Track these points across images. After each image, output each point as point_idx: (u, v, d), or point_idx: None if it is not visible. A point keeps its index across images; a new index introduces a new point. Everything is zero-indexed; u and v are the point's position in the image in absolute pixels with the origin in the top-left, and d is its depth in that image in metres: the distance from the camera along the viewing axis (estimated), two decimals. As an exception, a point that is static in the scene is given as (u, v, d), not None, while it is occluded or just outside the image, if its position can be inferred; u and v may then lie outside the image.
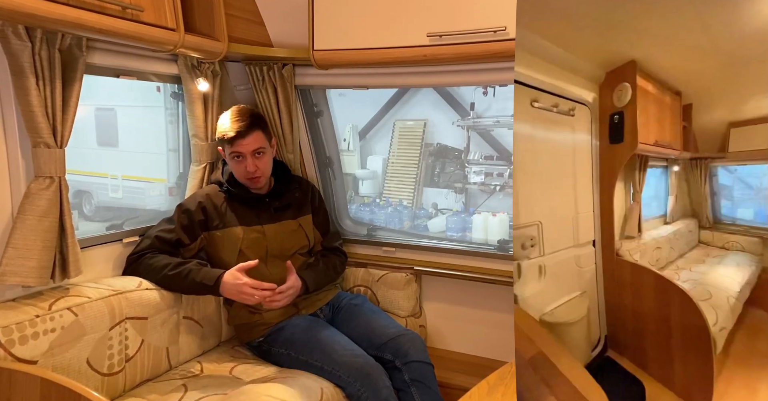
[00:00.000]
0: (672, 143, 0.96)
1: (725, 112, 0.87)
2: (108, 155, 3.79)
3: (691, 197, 1.03)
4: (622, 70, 0.92)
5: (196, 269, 1.85)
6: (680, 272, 1.02)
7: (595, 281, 1.09)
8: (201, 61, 2.03)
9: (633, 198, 1.07)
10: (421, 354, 1.92)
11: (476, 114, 3.64)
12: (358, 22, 1.98)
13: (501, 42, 1.73)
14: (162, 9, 1.68)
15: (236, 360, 1.98)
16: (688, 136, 0.93)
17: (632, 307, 1.04)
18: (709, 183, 0.99)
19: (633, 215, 1.07)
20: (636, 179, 1.04)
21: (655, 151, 0.98)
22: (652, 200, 1.06)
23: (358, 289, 2.39)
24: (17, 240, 1.50)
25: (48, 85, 1.50)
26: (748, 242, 0.96)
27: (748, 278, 0.94)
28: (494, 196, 3.62)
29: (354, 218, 2.68)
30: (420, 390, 1.86)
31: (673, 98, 0.91)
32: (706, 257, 1.02)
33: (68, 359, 1.52)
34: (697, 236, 1.04)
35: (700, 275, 1.00)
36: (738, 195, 0.98)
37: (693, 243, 1.05)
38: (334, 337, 1.92)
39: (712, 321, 0.89)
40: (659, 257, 1.05)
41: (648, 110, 0.93)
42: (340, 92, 2.64)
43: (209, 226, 2.00)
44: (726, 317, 0.89)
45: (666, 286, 0.99)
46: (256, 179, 2.00)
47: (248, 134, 1.95)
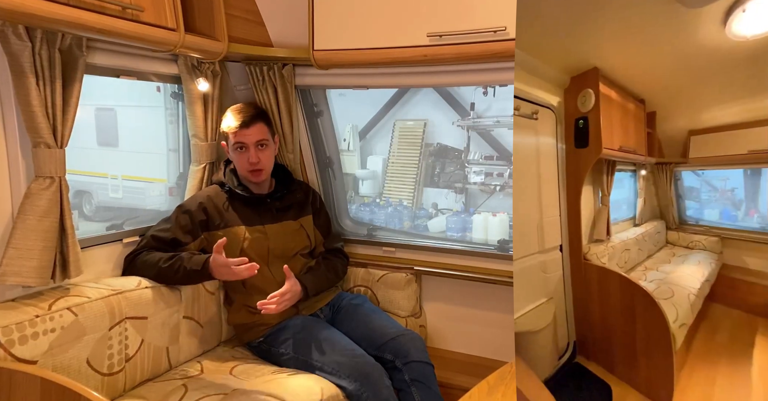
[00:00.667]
0: (637, 148, 1.00)
1: (685, 120, 0.93)
2: (108, 155, 3.79)
3: (658, 200, 1.07)
4: (586, 76, 0.96)
5: (187, 258, 1.85)
6: (647, 272, 1.06)
7: (563, 286, 1.11)
8: (201, 61, 2.03)
9: (601, 202, 1.09)
10: (421, 354, 1.92)
11: (476, 114, 3.63)
12: (358, 22, 1.98)
13: (501, 42, 1.74)
14: (162, 9, 1.68)
15: (236, 360, 1.98)
16: (653, 142, 0.97)
17: (600, 311, 1.06)
18: (674, 186, 1.04)
19: (601, 218, 1.10)
20: (604, 182, 1.07)
21: (620, 156, 1.02)
22: (622, 203, 1.10)
23: (358, 289, 2.39)
24: (17, 240, 1.51)
25: (48, 85, 1.50)
26: (710, 241, 1.01)
27: (708, 275, 0.98)
28: (494, 196, 3.62)
29: (354, 218, 2.68)
30: (420, 390, 1.86)
31: (637, 106, 0.95)
32: (672, 256, 1.07)
33: (68, 359, 1.52)
34: (664, 237, 1.08)
35: (665, 274, 1.04)
36: (705, 197, 1.03)
37: (661, 244, 1.09)
38: (335, 337, 1.92)
39: (672, 318, 0.92)
40: (627, 259, 1.08)
41: (612, 116, 0.97)
42: (340, 92, 2.64)
43: (210, 226, 2.00)
44: (686, 313, 0.93)
45: (631, 287, 1.02)
46: (257, 172, 2.01)
47: (252, 125, 1.99)
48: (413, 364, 1.88)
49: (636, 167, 1.07)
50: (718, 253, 0.99)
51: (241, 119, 1.99)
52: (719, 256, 0.99)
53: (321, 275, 2.12)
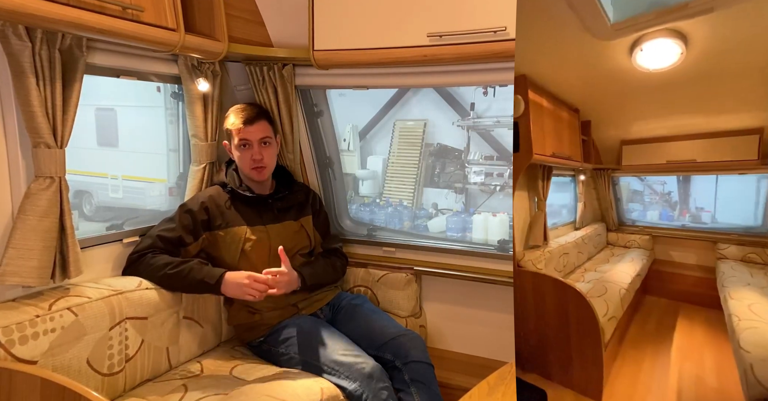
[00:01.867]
0: (572, 155, 1.07)
1: (617, 131, 1.03)
2: (108, 155, 3.79)
3: (599, 203, 1.14)
4: (516, 82, 1.03)
5: (197, 268, 1.86)
6: (586, 274, 1.13)
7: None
8: (201, 61, 2.03)
9: (537, 207, 1.14)
10: (421, 354, 1.92)
11: (476, 114, 3.63)
12: (358, 22, 1.98)
13: (501, 42, 1.74)
14: (162, 9, 1.68)
15: (236, 360, 1.98)
16: (589, 149, 1.05)
17: (535, 318, 1.12)
18: (612, 190, 1.13)
19: (537, 224, 1.16)
20: (539, 188, 1.11)
21: (553, 162, 1.08)
22: (562, 207, 1.17)
23: (358, 289, 2.39)
24: (17, 240, 1.51)
25: (48, 86, 1.50)
26: (643, 239, 1.12)
27: (639, 270, 1.09)
28: (494, 196, 3.62)
29: (354, 218, 2.68)
30: (420, 390, 1.86)
31: (571, 114, 1.02)
32: (611, 256, 1.15)
33: (68, 359, 1.52)
34: (605, 239, 1.17)
35: (601, 273, 1.12)
36: (648, 200, 1.13)
37: (602, 245, 1.17)
38: (334, 337, 1.92)
39: (602, 313, 1.00)
40: (566, 263, 1.15)
41: (543, 123, 1.03)
42: (340, 92, 2.64)
43: (212, 226, 2.00)
44: (616, 307, 1.02)
45: (564, 290, 1.09)
46: (260, 169, 2.01)
47: (256, 122, 2.01)
48: (413, 364, 1.88)
49: (575, 172, 1.13)
50: (650, 250, 1.10)
51: (245, 116, 2.00)
52: (651, 252, 1.09)
53: (318, 267, 2.12)
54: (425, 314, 2.43)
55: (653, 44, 0.89)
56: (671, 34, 0.87)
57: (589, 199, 1.14)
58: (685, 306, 0.98)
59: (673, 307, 1.01)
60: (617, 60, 0.94)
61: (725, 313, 0.91)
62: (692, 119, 0.93)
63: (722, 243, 0.99)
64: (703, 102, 0.92)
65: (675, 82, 0.91)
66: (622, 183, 1.13)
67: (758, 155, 0.88)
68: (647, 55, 0.89)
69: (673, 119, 0.95)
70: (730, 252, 0.97)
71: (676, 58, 0.87)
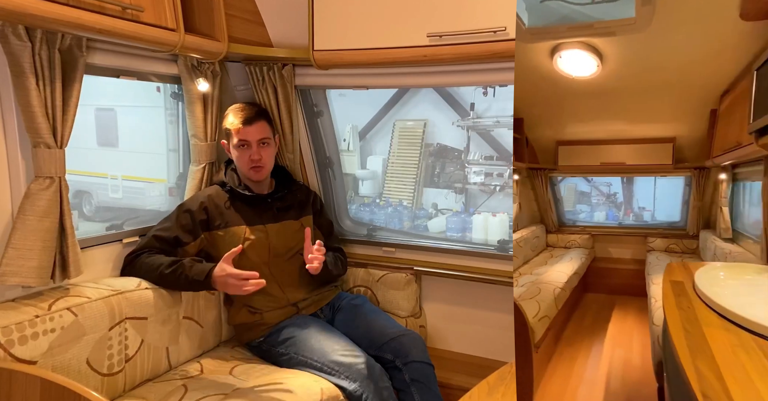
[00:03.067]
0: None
1: (551, 131, 1.09)
2: (108, 155, 3.79)
3: (538, 205, 1.19)
4: None
5: (188, 266, 1.85)
6: (521, 278, 1.16)
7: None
8: (201, 61, 2.03)
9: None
10: (421, 354, 1.92)
11: (476, 114, 3.64)
12: (358, 22, 1.98)
13: (501, 42, 1.74)
14: (162, 9, 1.68)
15: (236, 360, 1.98)
16: (522, 148, 1.10)
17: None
18: (551, 191, 1.17)
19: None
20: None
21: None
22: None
23: (358, 289, 2.39)
24: (17, 241, 1.50)
25: (48, 86, 1.50)
26: (583, 239, 1.18)
27: (577, 268, 1.14)
28: (494, 196, 3.62)
29: (354, 218, 2.68)
30: (420, 390, 1.86)
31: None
32: (550, 258, 1.19)
33: (68, 359, 1.52)
34: (544, 241, 1.21)
35: (537, 275, 1.15)
36: (595, 201, 1.18)
37: (540, 247, 1.21)
38: (334, 337, 1.92)
39: (533, 314, 1.05)
40: None
41: None
42: (340, 92, 2.64)
43: (211, 226, 2.00)
44: (549, 307, 1.07)
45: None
46: (258, 169, 2.02)
47: (255, 122, 2.01)
48: (413, 364, 1.89)
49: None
50: (590, 248, 1.16)
51: (245, 116, 2.00)
52: (591, 251, 1.16)
53: (330, 256, 2.13)
54: (425, 314, 2.43)
55: (570, 53, 0.96)
56: (586, 47, 0.94)
57: (525, 200, 1.17)
58: (621, 299, 1.07)
59: (610, 301, 1.09)
60: (541, 62, 1.00)
61: (647, 297, 1.00)
62: (621, 125, 1.03)
63: (651, 237, 1.09)
64: (629, 112, 1.02)
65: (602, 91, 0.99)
66: (568, 184, 1.18)
67: (672, 160, 1.01)
68: (566, 62, 0.97)
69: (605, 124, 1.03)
70: (657, 245, 1.08)
71: (594, 69, 0.95)
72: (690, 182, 1.05)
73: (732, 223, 0.99)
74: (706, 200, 1.04)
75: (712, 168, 1.01)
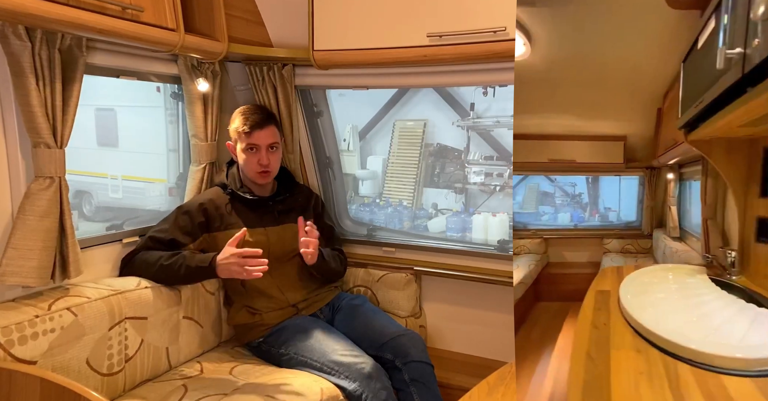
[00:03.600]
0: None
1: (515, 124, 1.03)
2: (108, 155, 3.79)
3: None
4: None
5: (190, 256, 1.86)
6: None
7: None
8: (201, 61, 2.03)
9: None
10: (421, 354, 1.92)
11: (476, 114, 3.63)
12: (358, 22, 1.98)
13: (501, 42, 1.74)
14: (162, 9, 1.68)
15: (236, 360, 1.98)
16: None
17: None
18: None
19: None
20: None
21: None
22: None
23: (358, 289, 2.39)
24: (17, 240, 1.50)
25: (48, 86, 1.50)
26: (534, 243, 1.11)
27: (523, 278, 1.08)
28: (494, 196, 3.62)
29: (354, 218, 2.68)
30: (420, 390, 1.86)
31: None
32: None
33: (68, 359, 1.52)
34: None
35: None
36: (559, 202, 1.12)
37: None
38: (334, 337, 1.92)
39: None
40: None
41: None
42: (340, 92, 2.64)
43: (211, 227, 2.00)
44: None
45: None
46: (266, 173, 2.01)
47: (266, 127, 2.00)
48: (413, 364, 1.88)
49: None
50: (542, 253, 1.10)
51: (255, 120, 1.98)
52: (542, 256, 1.10)
53: (327, 252, 2.13)
54: (425, 314, 2.43)
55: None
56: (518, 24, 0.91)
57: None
58: (575, 306, 0.99)
59: (563, 309, 1.02)
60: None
61: (600, 301, 0.97)
62: (572, 120, 0.98)
63: (607, 239, 1.06)
64: (580, 107, 0.97)
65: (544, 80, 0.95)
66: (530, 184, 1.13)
67: (623, 159, 0.98)
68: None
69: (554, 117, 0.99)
70: (613, 246, 1.04)
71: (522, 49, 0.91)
72: (643, 181, 1.03)
73: (680, 222, 0.98)
74: (659, 200, 1.02)
75: (662, 168, 1.00)
